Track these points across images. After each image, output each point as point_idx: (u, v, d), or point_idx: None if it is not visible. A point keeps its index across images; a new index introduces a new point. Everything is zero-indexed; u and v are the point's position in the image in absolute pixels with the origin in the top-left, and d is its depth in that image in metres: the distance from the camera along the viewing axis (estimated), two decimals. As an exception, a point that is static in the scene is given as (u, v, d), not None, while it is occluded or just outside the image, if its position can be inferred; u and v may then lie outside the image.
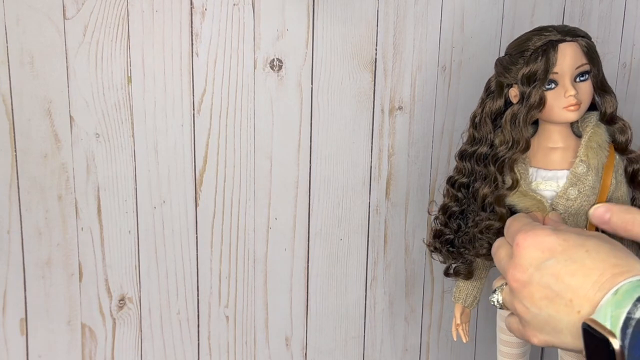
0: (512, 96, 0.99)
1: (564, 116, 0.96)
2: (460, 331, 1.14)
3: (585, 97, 0.97)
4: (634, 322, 0.47)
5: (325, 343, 1.31)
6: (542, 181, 0.99)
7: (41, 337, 1.18)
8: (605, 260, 0.53)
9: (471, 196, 1.04)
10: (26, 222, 1.13)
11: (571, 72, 0.95)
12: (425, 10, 1.20)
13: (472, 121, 1.04)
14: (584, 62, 0.96)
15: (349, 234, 1.27)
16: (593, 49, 0.97)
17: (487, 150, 1.01)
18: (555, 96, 0.95)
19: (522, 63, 0.96)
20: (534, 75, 0.94)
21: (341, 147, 1.22)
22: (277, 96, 1.17)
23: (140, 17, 1.08)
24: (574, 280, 0.53)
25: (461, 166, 1.05)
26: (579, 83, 0.96)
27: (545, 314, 0.55)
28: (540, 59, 0.94)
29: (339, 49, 1.17)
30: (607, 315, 0.50)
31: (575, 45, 0.95)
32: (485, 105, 1.02)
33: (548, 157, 1.00)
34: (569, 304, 0.53)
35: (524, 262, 0.57)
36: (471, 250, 1.05)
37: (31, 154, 1.10)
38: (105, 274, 1.18)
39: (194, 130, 1.15)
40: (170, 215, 1.18)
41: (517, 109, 0.97)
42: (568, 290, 0.53)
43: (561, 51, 0.94)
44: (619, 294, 0.50)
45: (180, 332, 1.24)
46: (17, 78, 1.07)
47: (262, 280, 1.25)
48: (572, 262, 0.54)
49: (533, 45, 0.95)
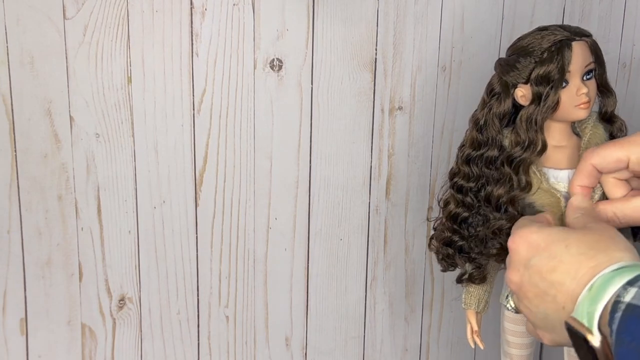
0: (519, 96, 0.98)
1: (576, 114, 0.96)
2: (477, 337, 1.11)
3: (593, 95, 0.98)
4: (623, 306, 0.47)
5: (325, 343, 1.31)
6: (556, 181, 0.99)
7: (41, 337, 1.18)
8: (584, 254, 0.54)
9: (483, 199, 1.02)
10: (26, 222, 1.13)
11: (581, 71, 0.95)
12: (425, 10, 1.20)
13: (475, 124, 1.02)
14: (591, 60, 0.96)
15: (349, 234, 1.27)
16: (598, 48, 0.98)
17: (497, 152, 1.00)
18: (567, 95, 0.95)
19: (533, 63, 0.95)
20: (548, 75, 0.94)
21: (341, 147, 1.22)
22: (277, 96, 1.17)
23: (140, 17, 1.08)
24: (555, 276, 0.54)
25: (467, 171, 1.03)
26: (586, 81, 0.96)
27: (542, 312, 0.56)
28: (556, 58, 0.93)
29: (339, 49, 1.17)
30: (584, 312, 0.50)
31: (584, 44, 0.96)
32: (491, 107, 1.00)
33: (555, 156, 1.00)
34: (555, 301, 0.54)
35: (516, 263, 0.59)
36: (482, 253, 1.04)
37: (31, 154, 1.10)
38: (105, 274, 1.18)
39: (194, 130, 1.15)
40: (170, 215, 1.18)
41: (534, 110, 0.96)
42: (552, 287, 0.54)
43: (574, 50, 0.94)
44: (593, 289, 0.51)
45: (180, 332, 1.24)
46: (17, 78, 1.07)
47: (262, 280, 1.25)
48: (552, 258, 0.55)
49: (546, 44, 0.95)
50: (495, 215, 1.01)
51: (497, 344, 1.22)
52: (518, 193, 0.99)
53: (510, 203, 0.99)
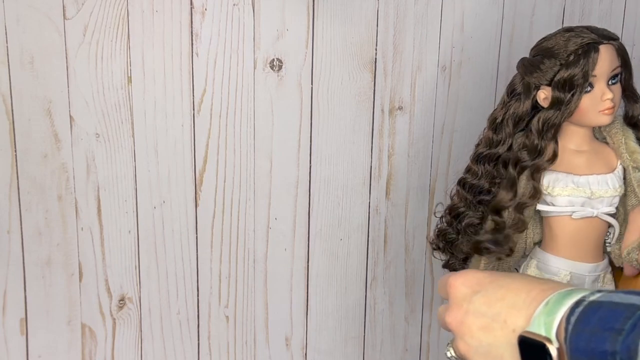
0: (541, 98, 0.96)
1: (599, 120, 0.94)
2: None
3: (618, 100, 0.95)
4: (586, 303, 0.49)
5: (325, 343, 1.31)
6: (575, 187, 0.97)
7: (41, 337, 1.18)
8: (531, 282, 0.56)
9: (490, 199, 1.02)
10: (26, 222, 1.13)
11: (607, 75, 0.93)
12: (425, 10, 1.20)
13: (492, 123, 1.01)
14: (618, 64, 0.94)
15: (349, 234, 1.27)
16: (625, 52, 0.96)
17: (505, 152, 0.99)
18: (591, 99, 0.93)
19: (558, 65, 0.93)
20: (572, 79, 0.92)
21: (341, 147, 1.22)
22: (277, 96, 1.17)
23: (140, 17, 1.08)
24: (505, 302, 0.56)
25: (476, 169, 1.02)
26: (612, 86, 0.94)
27: (485, 345, 0.57)
28: (582, 61, 0.91)
29: (339, 49, 1.17)
30: (540, 323, 0.51)
31: (611, 47, 0.94)
32: (509, 107, 0.99)
33: (574, 162, 0.98)
34: (504, 326, 0.55)
35: (458, 300, 0.60)
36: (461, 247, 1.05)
37: (31, 154, 1.10)
38: (105, 274, 1.18)
39: (194, 130, 1.15)
40: (170, 215, 1.18)
41: (552, 114, 0.94)
42: (501, 312, 0.55)
43: (600, 53, 0.92)
44: (550, 304, 0.52)
45: (180, 332, 1.24)
46: (17, 78, 1.07)
47: (262, 280, 1.25)
48: (500, 287, 0.57)
49: (572, 46, 0.92)
50: (496, 218, 1.00)
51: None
52: (525, 200, 0.97)
53: (517, 210, 0.98)
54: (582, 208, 0.98)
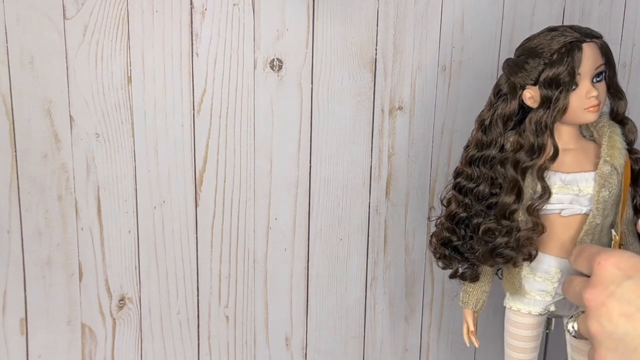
0: (527, 98, 0.97)
1: (585, 117, 0.95)
2: (473, 337, 1.11)
3: (603, 98, 0.96)
4: None
5: (325, 343, 1.31)
6: (563, 185, 0.97)
7: (41, 337, 1.18)
8: None
9: (495, 207, 1.01)
10: (26, 222, 1.13)
11: (591, 73, 0.94)
12: (425, 10, 1.20)
13: (481, 124, 1.01)
14: (601, 62, 0.95)
15: (349, 234, 1.27)
16: (609, 49, 0.96)
17: (496, 153, 0.99)
18: (576, 97, 0.94)
19: (542, 65, 0.93)
20: (557, 78, 0.92)
21: (341, 147, 1.22)
22: (277, 96, 1.17)
23: (140, 17, 1.08)
24: None
25: (469, 171, 1.02)
26: (596, 84, 0.95)
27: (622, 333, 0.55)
28: (566, 60, 0.92)
29: (339, 49, 1.17)
30: None
31: (594, 45, 0.94)
32: (496, 107, 0.99)
33: (562, 160, 0.98)
34: None
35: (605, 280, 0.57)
36: (476, 255, 1.04)
37: (31, 154, 1.10)
38: (105, 274, 1.18)
39: (194, 130, 1.15)
40: (170, 215, 1.18)
41: (543, 113, 0.94)
42: None
43: (584, 52, 0.93)
44: None
45: (180, 332, 1.24)
46: (17, 78, 1.07)
47: (262, 280, 1.25)
48: None
49: (555, 45, 0.93)
50: (504, 222, 1.00)
51: (496, 344, 1.22)
52: (535, 201, 0.97)
53: (529, 213, 0.97)
54: (571, 205, 0.98)
